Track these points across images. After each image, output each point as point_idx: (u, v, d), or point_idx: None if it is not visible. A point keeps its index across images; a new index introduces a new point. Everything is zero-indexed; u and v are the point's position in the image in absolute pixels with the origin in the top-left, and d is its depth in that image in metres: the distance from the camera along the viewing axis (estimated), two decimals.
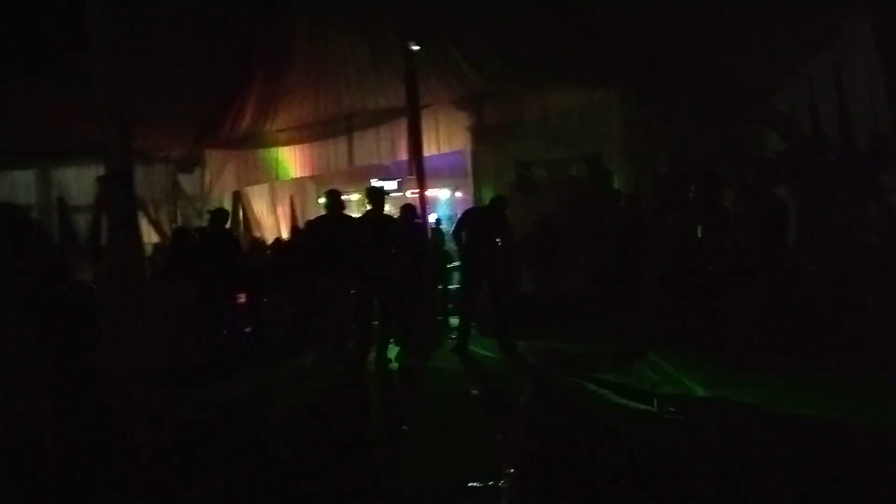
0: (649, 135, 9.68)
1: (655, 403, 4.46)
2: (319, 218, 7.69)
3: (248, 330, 8.65)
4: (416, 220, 8.32)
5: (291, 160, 12.56)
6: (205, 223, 10.00)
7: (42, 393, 4.10)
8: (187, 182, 11.90)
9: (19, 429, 3.98)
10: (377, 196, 7.34)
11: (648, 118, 9.65)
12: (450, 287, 9.70)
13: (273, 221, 13.79)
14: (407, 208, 8.38)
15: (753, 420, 3.97)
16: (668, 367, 5.24)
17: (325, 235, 6.98)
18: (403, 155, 11.33)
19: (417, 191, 9.45)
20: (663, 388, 4.73)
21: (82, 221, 10.42)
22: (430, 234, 9.21)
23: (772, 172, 6.11)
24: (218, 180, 12.31)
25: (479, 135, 11.15)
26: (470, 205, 10.73)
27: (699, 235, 6.26)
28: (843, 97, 6.67)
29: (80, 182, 10.54)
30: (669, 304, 6.35)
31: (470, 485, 3.33)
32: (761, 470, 3.23)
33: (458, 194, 14.12)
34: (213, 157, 12.17)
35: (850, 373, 4.59)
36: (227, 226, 8.74)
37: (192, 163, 11.93)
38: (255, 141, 12.07)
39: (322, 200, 7.85)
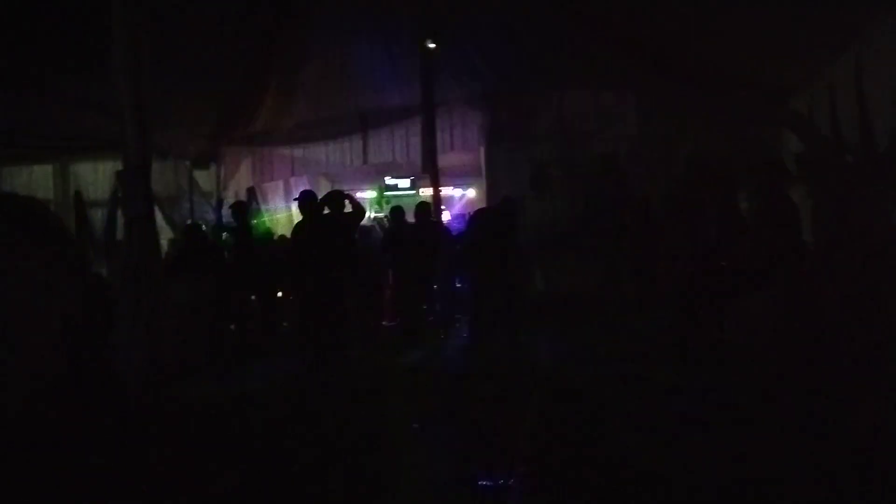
0: (665, 135, 9.61)
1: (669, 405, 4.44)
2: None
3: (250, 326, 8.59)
4: (430, 219, 8.33)
5: (306, 158, 12.63)
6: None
7: (59, 385, 4.13)
8: (203, 178, 11.98)
9: (34, 420, 4.02)
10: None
11: (665, 119, 9.59)
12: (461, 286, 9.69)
13: (287, 218, 13.85)
14: (422, 207, 8.40)
15: (769, 429, 3.94)
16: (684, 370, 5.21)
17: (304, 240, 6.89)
18: (418, 153, 11.34)
19: (431, 189, 9.45)
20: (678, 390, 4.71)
21: (98, 216, 10.53)
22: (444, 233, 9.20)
23: (784, 174, 6.05)
24: (233, 177, 12.41)
25: (494, 134, 11.14)
26: (483, 204, 10.71)
27: (714, 237, 6.21)
28: (864, 99, 6.59)
29: (97, 177, 10.64)
30: (684, 305, 6.30)
31: (480, 483, 3.33)
32: (772, 482, 3.20)
33: (472, 193, 14.12)
34: (228, 153, 12.25)
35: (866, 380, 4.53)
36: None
37: (207, 159, 12.00)
38: (271, 138, 12.14)
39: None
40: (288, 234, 11.77)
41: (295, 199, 7.18)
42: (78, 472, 3.69)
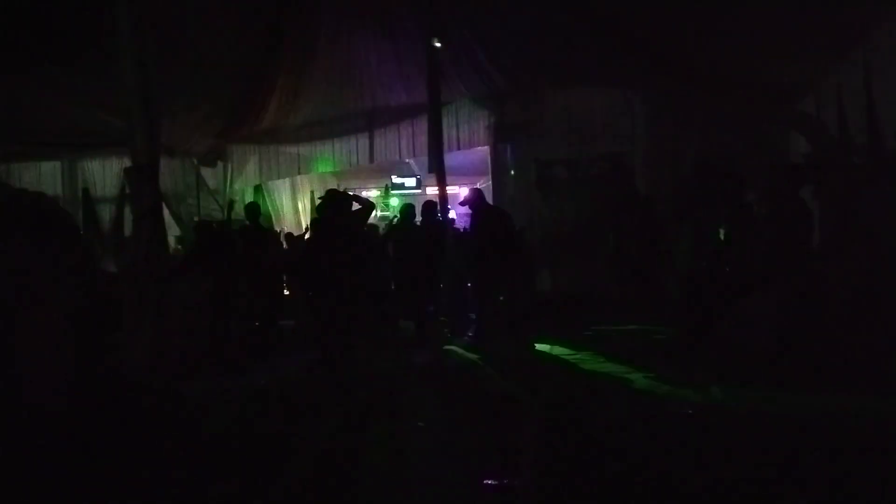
0: (672, 136, 9.59)
1: (674, 405, 4.44)
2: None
3: (257, 324, 8.58)
4: (437, 218, 8.35)
5: (313, 155, 12.67)
6: (225, 216, 10.16)
7: (65, 382, 4.15)
8: (210, 176, 12.03)
9: (39, 419, 4.04)
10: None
11: (672, 119, 9.57)
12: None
13: (294, 215, 13.91)
14: (428, 206, 8.41)
15: (768, 427, 3.94)
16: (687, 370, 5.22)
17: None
18: (424, 152, 11.35)
19: (437, 188, 9.45)
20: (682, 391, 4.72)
21: (106, 213, 10.59)
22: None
23: (796, 176, 6.03)
24: (240, 174, 12.45)
25: (500, 133, 11.14)
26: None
27: (721, 238, 6.21)
28: (872, 99, 6.57)
29: (105, 174, 10.70)
30: (690, 306, 6.30)
31: (485, 482, 3.33)
32: (772, 482, 3.20)
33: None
34: (235, 151, 12.29)
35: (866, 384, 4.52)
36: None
37: (214, 157, 12.05)
38: (278, 136, 12.17)
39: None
40: (294, 231, 11.89)
41: (320, 198, 7.23)
42: (83, 468, 3.71)
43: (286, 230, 12.27)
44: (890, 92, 6.27)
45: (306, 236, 9.21)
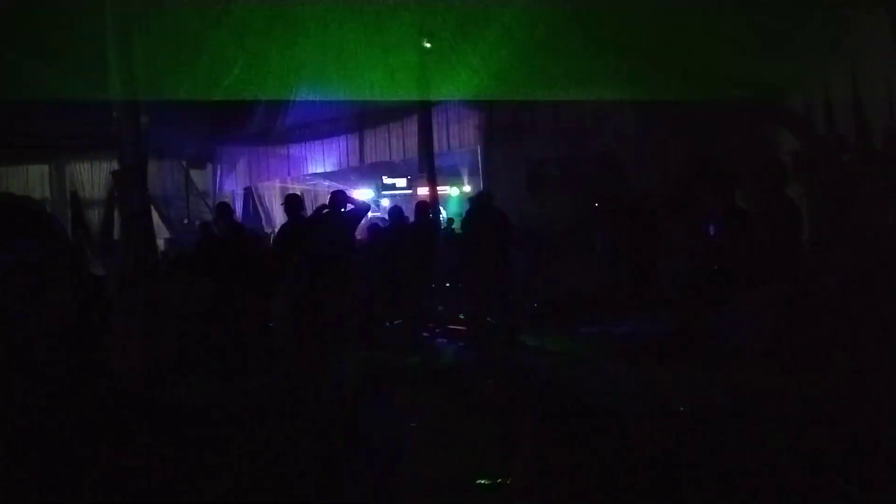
0: (664, 134, 9.61)
1: (667, 402, 4.45)
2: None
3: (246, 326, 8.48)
4: (428, 219, 8.33)
5: (302, 157, 12.64)
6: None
7: (53, 385, 4.12)
8: (199, 178, 11.97)
9: (28, 421, 4.00)
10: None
11: (663, 117, 9.59)
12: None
13: (283, 217, 13.86)
14: (420, 206, 8.39)
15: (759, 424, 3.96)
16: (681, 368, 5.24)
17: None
18: (414, 153, 11.35)
19: (427, 189, 9.44)
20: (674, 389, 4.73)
21: (95, 216, 10.51)
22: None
23: (785, 173, 6.06)
24: (229, 176, 12.40)
25: (491, 133, 11.13)
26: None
27: (712, 235, 6.21)
28: (859, 96, 6.61)
29: (93, 177, 10.63)
30: (682, 304, 6.32)
31: (478, 482, 3.32)
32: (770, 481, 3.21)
33: (468, 192, 14.11)
34: (224, 152, 12.25)
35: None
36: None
37: (203, 158, 12.00)
38: (267, 137, 12.13)
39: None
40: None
41: (281, 204, 7.27)
42: (75, 470, 3.68)
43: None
44: (878, 89, 6.31)
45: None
